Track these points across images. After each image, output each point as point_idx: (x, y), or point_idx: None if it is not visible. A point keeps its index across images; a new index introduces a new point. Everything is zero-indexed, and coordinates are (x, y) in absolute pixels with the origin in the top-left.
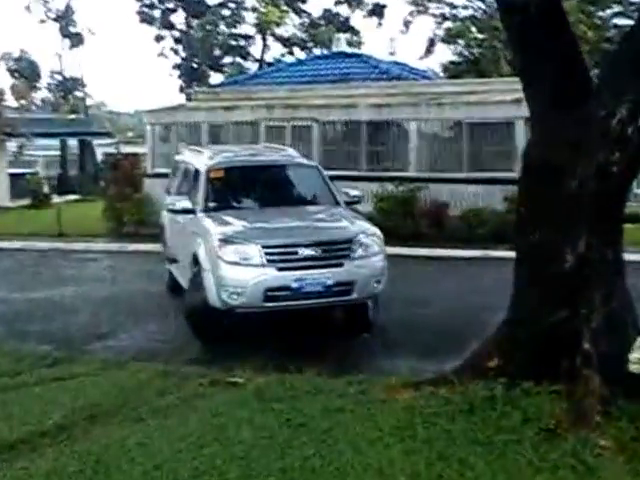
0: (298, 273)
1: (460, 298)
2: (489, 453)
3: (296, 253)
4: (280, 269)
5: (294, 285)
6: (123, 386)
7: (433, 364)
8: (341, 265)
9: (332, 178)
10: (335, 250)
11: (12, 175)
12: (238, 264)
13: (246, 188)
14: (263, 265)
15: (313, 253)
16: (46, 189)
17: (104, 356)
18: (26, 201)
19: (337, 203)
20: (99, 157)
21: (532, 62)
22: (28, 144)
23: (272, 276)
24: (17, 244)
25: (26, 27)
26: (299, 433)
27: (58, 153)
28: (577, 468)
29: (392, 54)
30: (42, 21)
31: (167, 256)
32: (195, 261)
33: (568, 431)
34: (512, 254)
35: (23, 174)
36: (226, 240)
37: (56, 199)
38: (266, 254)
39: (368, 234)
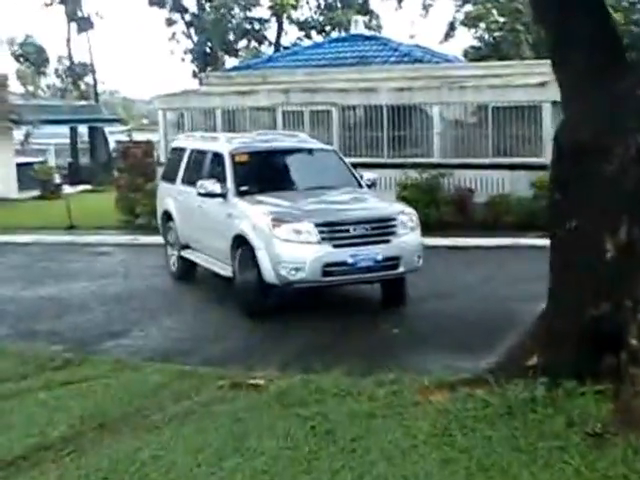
0: (352, 249)
1: (490, 289)
2: (533, 462)
3: (348, 231)
4: (335, 246)
5: (349, 260)
6: (136, 390)
7: (467, 361)
8: (388, 241)
9: (353, 165)
10: (382, 227)
11: (20, 165)
12: (294, 242)
13: (271, 172)
14: (319, 242)
15: (363, 231)
16: (57, 179)
17: (116, 356)
18: (35, 192)
19: (360, 185)
20: (112, 145)
21: (563, 39)
22: (35, 132)
23: (329, 252)
24: (26, 238)
25: (31, 10)
26: (326, 442)
27: (68, 141)
28: (630, 478)
29: (412, 37)
30: (47, 4)
31: (176, 242)
32: (238, 242)
33: (617, 436)
34: (541, 242)
35: (31, 163)
36: (280, 219)
37: (67, 189)
38: (320, 232)
39: (406, 213)
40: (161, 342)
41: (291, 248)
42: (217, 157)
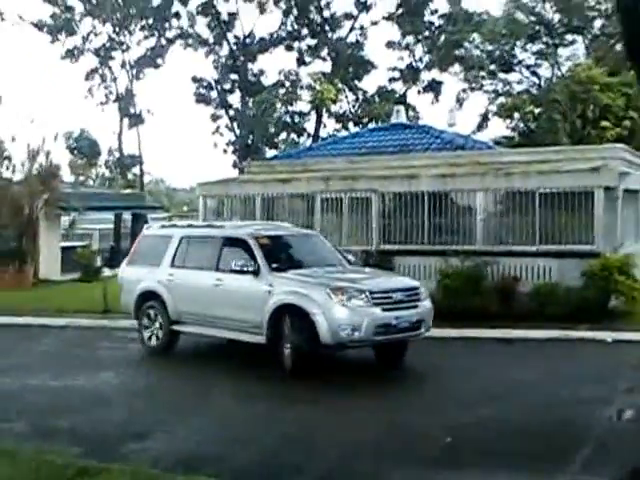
0: (395, 313)
1: (546, 389)
2: None
3: (391, 297)
4: (383, 310)
5: (394, 322)
6: None
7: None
8: (417, 307)
9: (393, 252)
10: (413, 295)
11: (64, 248)
12: (352, 307)
13: (285, 252)
14: (371, 306)
15: (402, 297)
16: (98, 262)
17: (137, 463)
18: (77, 274)
19: (350, 263)
20: None
21: None
22: (81, 218)
23: (380, 315)
24: (62, 321)
25: (87, 107)
26: None
27: (112, 227)
28: None
29: (451, 125)
30: (102, 103)
31: (162, 319)
32: (284, 311)
33: None
34: (593, 335)
35: (75, 247)
36: (338, 289)
37: (107, 272)
38: (372, 298)
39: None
40: (188, 446)
41: (350, 312)
42: (235, 241)
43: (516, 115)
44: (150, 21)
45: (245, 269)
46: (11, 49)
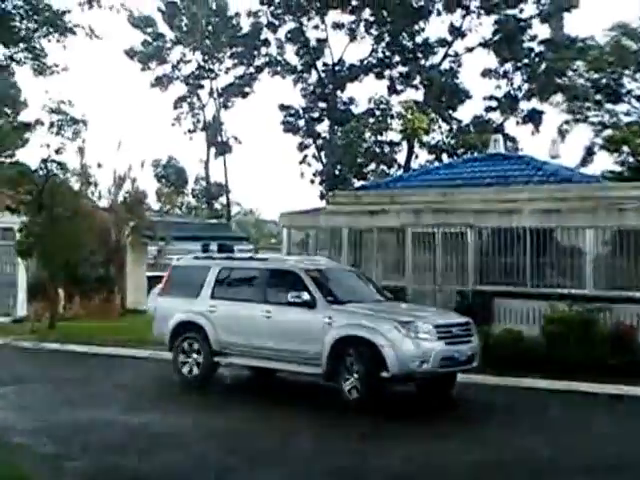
0: (456, 346)
1: None
2: None
3: (451, 331)
4: (447, 343)
5: (455, 355)
6: None
7: None
8: (471, 341)
9: (491, 293)
10: (467, 330)
11: (150, 278)
12: (421, 340)
13: (336, 286)
14: (437, 340)
15: (460, 332)
16: None
17: None
18: None
19: (387, 299)
20: None
21: None
22: (168, 248)
23: (445, 348)
24: (144, 353)
25: (175, 135)
26: None
27: None
28: None
29: (554, 157)
30: (190, 131)
31: (202, 350)
32: (347, 343)
33: None
34: None
35: (161, 277)
36: (406, 322)
37: None
38: (438, 332)
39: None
40: None
41: (418, 345)
42: (284, 274)
43: (625, 148)
44: (239, 49)
45: (300, 301)
46: (99, 73)
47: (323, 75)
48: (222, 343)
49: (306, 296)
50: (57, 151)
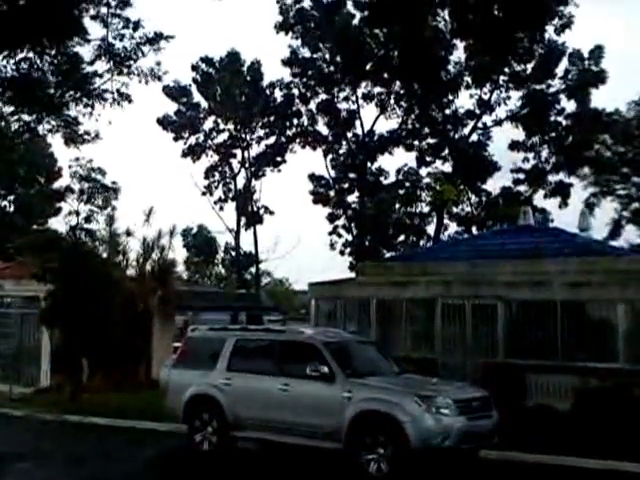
0: (477, 421)
1: None
2: None
3: (471, 406)
4: (468, 418)
5: (477, 430)
6: None
7: None
8: (491, 416)
9: (521, 367)
10: (486, 404)
11: (177, 349)
12: (441, 415)
13: (352, 359)
14: (458, 415)
15: (479, 405)
16: None
17: None
18: None
19: (402, 371)
20: None
21: None
22: (195, 318)
23: (466, 423)
24: (167, 426)
25: (205, 205)
26: None
27: None
28: None
29: (583, 230)
30: (221, 200)
31: (217, 423)
32: (366, 418)
33: None
34: None
35: None
36: (426, 397)
37: None
38: (457, 407)
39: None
40: None
41: (439, 420)
42: (302, 346)
43: None
44: (271, 118)
45: (319, 375)
46: (132, 141)
47: (353, 146)
48: (238, 417)
49: (325, 369)
50: (87, 219)
